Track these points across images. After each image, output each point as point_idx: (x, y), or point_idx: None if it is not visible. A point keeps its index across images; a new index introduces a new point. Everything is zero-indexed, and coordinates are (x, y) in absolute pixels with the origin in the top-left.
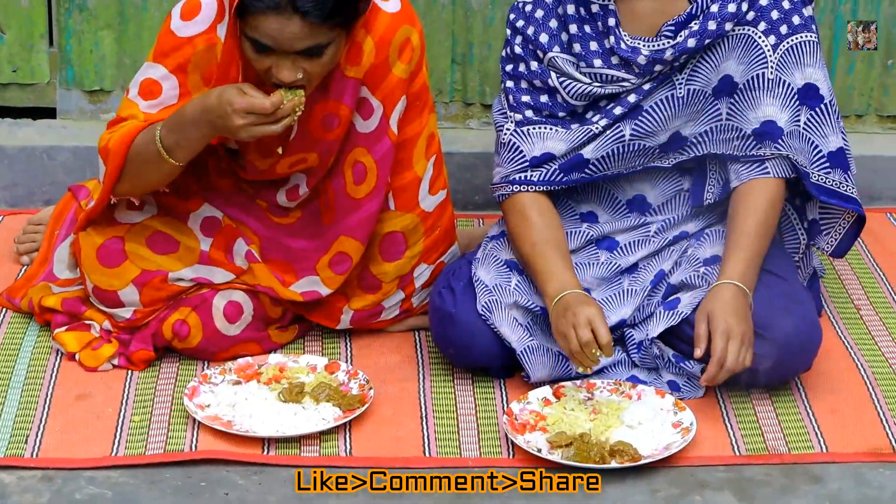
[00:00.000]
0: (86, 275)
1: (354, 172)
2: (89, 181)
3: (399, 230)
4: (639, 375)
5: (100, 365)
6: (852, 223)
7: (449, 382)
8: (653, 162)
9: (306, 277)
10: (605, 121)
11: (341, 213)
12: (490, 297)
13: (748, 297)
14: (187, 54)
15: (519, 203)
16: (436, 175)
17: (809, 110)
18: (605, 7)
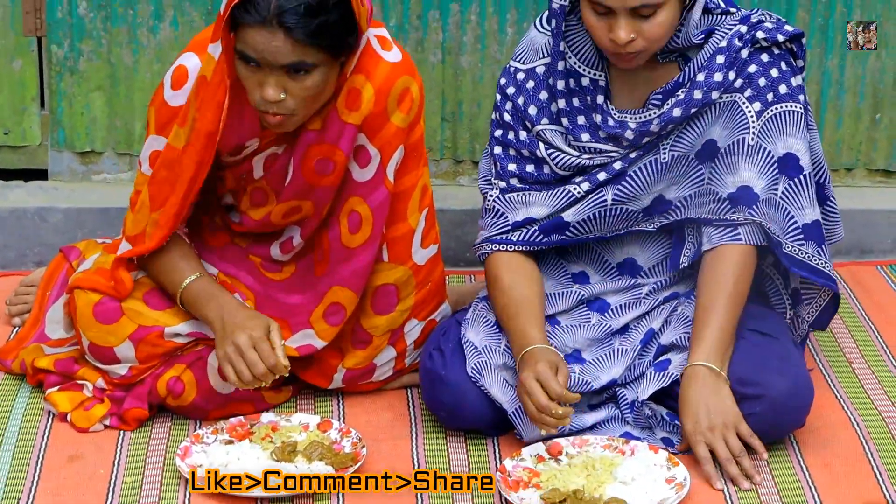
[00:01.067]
0: (81, 332)
1: (350, 222)
2: (80, 242)
3: (391, 282)
4: (632, 432)
5: (91, 425)
6: (832, 297)
7: (442, 440)
8: (637, 226)
9: (301, 331)
10: (587, 185)
11: (335, 263)
12: (479, 358)
13: (720, 374)
14: None
15: (493, 264)
16: (428, 228)
17: (788, 180)
18: (595, 81)
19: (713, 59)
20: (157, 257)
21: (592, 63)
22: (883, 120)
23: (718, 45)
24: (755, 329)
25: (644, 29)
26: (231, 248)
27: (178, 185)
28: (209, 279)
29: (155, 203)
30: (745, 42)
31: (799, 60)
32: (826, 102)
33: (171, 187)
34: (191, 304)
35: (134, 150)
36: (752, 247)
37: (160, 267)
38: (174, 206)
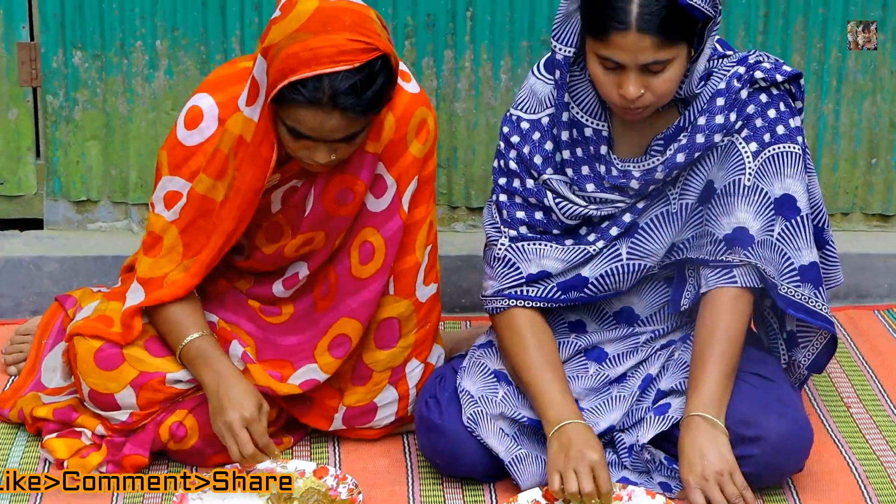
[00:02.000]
0: (81, 378)
1: (361, 253)
2: (76, 291)
3: (395, 316)
4: (629, 477)
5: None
6: (828, 340)
7: (438, 486)
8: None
9: (304, 367)
10: (601, 242)
11: (343, 295)
12: (475, 408)
13: (717, 423)
14: (200, 162)
15: (514, 320)
16: (430, 266)
17: (785, 221)
18: (598, 132)
19: (713, 101)
20: (163, 307)
21: (595, 113)
22: (879, 164)
23: (717, 87)
24: (754, 372)
25: (653, 84)
26: (230, 294)
27: (215, 237)
28: (210, 340)
29: (189, 251)
30: (744, 83)
31: (797, 102)
32: (822, 147)
33: (207, 238)
34: (189, 362)
35: (129, 198)
36: (748, 289)
37: (165, 316)
38: (209, 255)
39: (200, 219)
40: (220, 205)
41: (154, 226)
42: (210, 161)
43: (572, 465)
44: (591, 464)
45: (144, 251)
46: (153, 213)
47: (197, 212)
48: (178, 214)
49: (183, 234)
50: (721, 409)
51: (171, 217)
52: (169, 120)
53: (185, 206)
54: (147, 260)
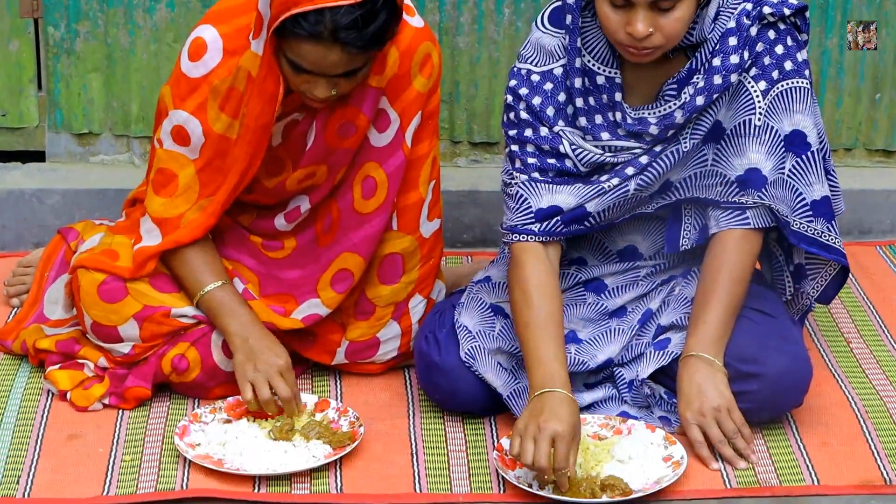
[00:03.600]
0: (84, 311)
1: (364, 187)
2: (78, 223)
3: (399, 252)
4: (629, 412)
5: (90, 405)
6: (838, 271)
7: (439, 419)
8: (637, 208)
9: (307, 301)
10: (616, 180)
11: (345, 230)
12: (473, 343)
13: (715, 363)
14: (205, 94)
15: (526, 256)
16: (434, 202)
17: (795, 157)
18: (610, 79)
19: (724, 41)
20: (180, 249)
21: (606, 61)
22: (883, 99)
23: (727, 26)
24: (755, 308)
25: (662, 24)
26: (232, 231)
27: (230, 176)
28: (232, 288)
29: (206, 190)
30: (753, 19)
31: (803, 34)
32: (825, 82)
33: (224, 177)
34: (210, 310)
35: (131, 131)
36: (759, 229)
37: (182, 259)
38: (225, 193)
39: (217, 158)
40: (234, 143)
41: (164, 162)
42: (226, 99)
43: (531, 434)
44: (553, 436)
45: (156, 189)
46: (161, 149)
47: (215, 151)
48: (198, 153)
49: (200, 173)
50: (720, 349)
51: (191, 155)
52: (171, 52)
53: (205, 145)
54: (159, 199)
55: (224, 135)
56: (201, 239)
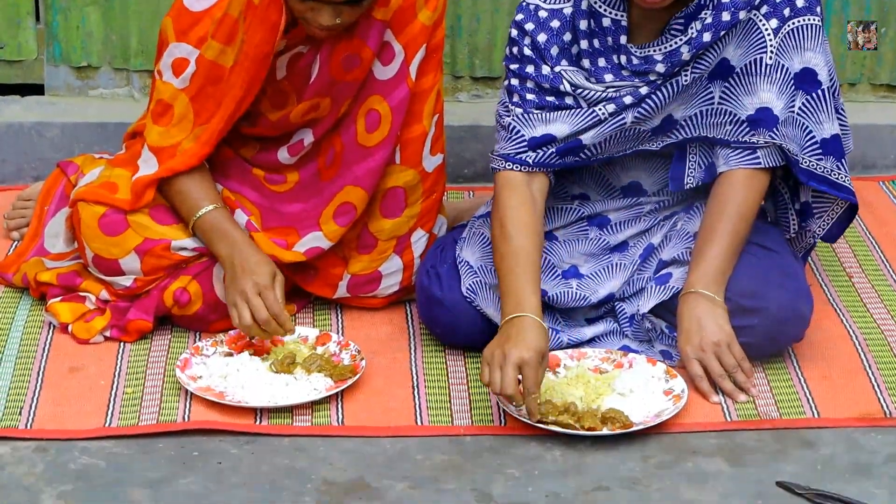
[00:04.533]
0: (85, 244)
1: (367, 121)
2: (78, 157)
3: (401, 185)
4: (630, 346)
5: (92, 337)
6: (845, 210)
7: (440, 353)
8: (642, 145)
9: (309, 234)
10: (612, 107)
11: (348, 163)
12: (475, 278)
13: (716, 300)
14: (207, 27)
15: (507, 190)
16: (437, 135)
17: (805, 95)
18: (616, 21)
19: None
20: (175, 178)
21: (613, 3)
22: (888, 33)
23: None
24: (757, 243)
25: None
26: (235, 163)
27: (225, 103)
28: (224, 212)
29: (199, 118)
30: None
31: None
32: (830, 15)
33: (217, 105)
34: (203, 233)
35: (130, 64)
36: (769, 170)
37: (177, 188)
38: (220, 122)
39: (210, 86)
40: (229, 71)
41: (163, 93)
42: (219, 26)
43: (498, 362)
44: (518, 363)
45: (154, 119)
46: (161, 80)
47: (207, 78)
48: (188, 82)
49: (193, 101)
50: (721, 286)
51: (180, 85)
52: None
53: (195, 73)
54: (157, 128)
55: (215, 61)
56: (197, 167)
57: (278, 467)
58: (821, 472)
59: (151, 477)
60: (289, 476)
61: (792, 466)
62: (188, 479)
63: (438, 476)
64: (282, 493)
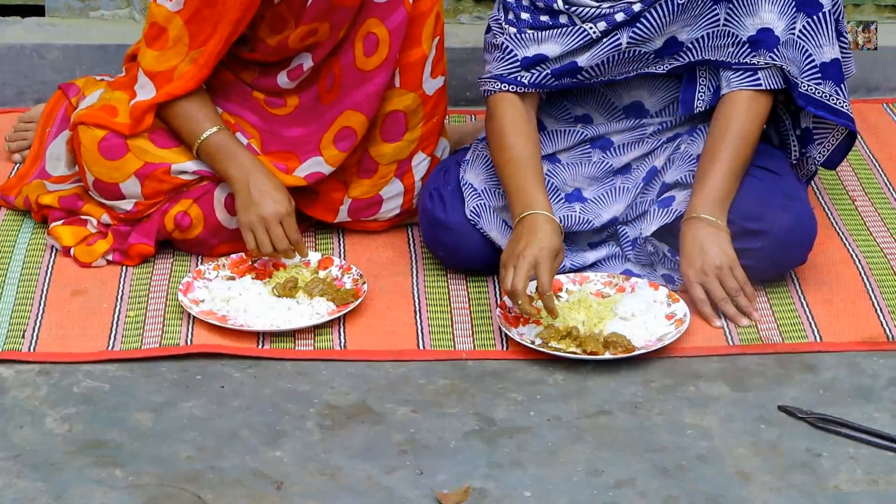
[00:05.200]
0: (86, 167)
1: (365, 44)
2: (79, 79)
3: (401, 109)
4: (633, 270)
5: (94, 261)
6: (845, 137)
7: (442, 277)
8: (647, 68)
9: (309, 159)
10: (603, 24)
11: (348, 87)
12: (478, 200)
13: (718, 224)
14: None
15: (499, 110)
16: (437, 58)
17: (807, 17)
18: None
19: None
20: (174, 102)
21: None
22: None
23: None
24: (760, 165)
25: None
26: (235, 86)
27: (221, 26)
28: (230, 133)
29: (195, 41)
30: None
31: None
32: None
33: (214, 27)
34: (210, 156)
35: None
36: (769, 91)
37: (176, 111)
38: (217, 45)
39: (206, 8)
40: None
41: (157, 16)
42: None
43: (512, 263)
44: (532, 262)
45: (148, 43)
46: (155, 3)
47: (202, 0)
48: (182, 4)
49: (188, 23)
50: (724, 209)
51: (174, 7)
52: None
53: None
54: (151, 52)
55: None
56: (196, 90)
57: (281, 391)
58: (823, 396)
59: (154, 400)
60: (291, 399)
61: (794, 390)
62: (191, 402)
63: (441, 400)
64: (284, 416)
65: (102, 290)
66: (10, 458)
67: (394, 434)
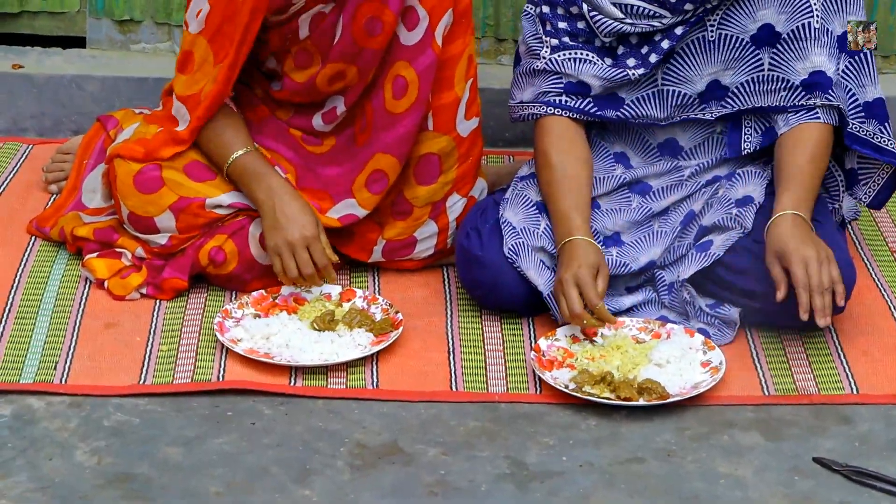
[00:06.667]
0: (121, 201)
1: (394, 87)
2: (118, 112)
3: (435, 152)
4: (669, 316)
5: (128, 294)
6: (890, 176)
7: (477, 318)
8: (694, 114)
9: (343, 201)
10: (642, 70)
11: (378, 129)
12: (517, 239)
13: (808, 222)
14: None
15: (545, 131)
16: (471, 100)
17: (849, 57)
18: None
19: None
20: (206, 126)
21: None
22: None
23: None
24: None
25: None
26: (271, 122)
27: (234, 35)
28: (259, 155)
29: (218, 57)
30: None
31: None
32: None
33: (232, 41)
34: (238, 178)
35: (172, 19)
36: (830, 126)
37: (209, 135)
38: (230, 56)
39: (226, 24)
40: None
41: (184, 41)
42: None
43: (559, 290)
44: (574, 282)
45: (178, 69)
46: (186, 31)
47: (222, 17)
48: (204, 24)
49: (211, 42)
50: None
51: (197, 28)
52: None
53: (210, 12)
54: (182, 77)
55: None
56: (228, 115)
57: (312, 429)
58: (858, 449)
59: (185, 435)
60: (322, 438)
61: (829, 442)
62: (221, 438)
63: (472, 442)
64: (314, 455)
65: (135, 323)
66: (39, 489)
67: (424, 476)
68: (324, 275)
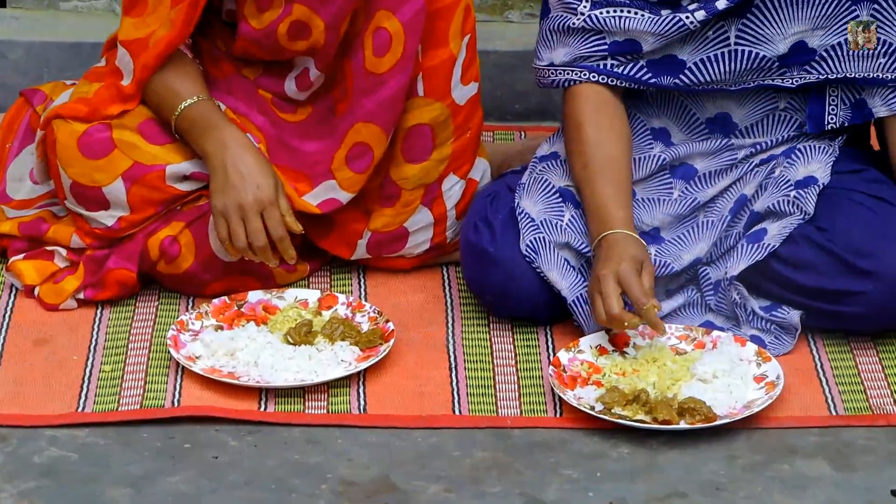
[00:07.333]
0: (62, 169)
1: (375, 42)
2: (46, 84)
3: (427, 122)
4: (714, 321)
5: (62, 301)
6: None
7: (484, 328)
8: (771, 79)
9: (322, 183)
10: (702, 14)
11: (359, 94)
12: (537, 234)
13: None
14: None
15: (579, 101)
16: (469, 60)
17: None
18: None
19: None
20: (153, 77)
21: None
22: None
23: None
24: (876, 195)
25: None
26: (238, 80)
27: None
28: (213, 106)
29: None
30: None
31: None
32: None
33: None
34: (187, 132)
35: None
36: None
37: (155, 86)
38: None
39: None
40: None
41: None
42: None
43: (596, 290)
44: (615, 279)
45: (125, 11)
46: None
47: None
48: None
49: None
50: None
51: None
52: None
53: None
54: (129, 20)
55: None
56: (181, 62)
57: (287, 463)
58: None
59: (133, 473)
60: (299, 474)
61: None
62: (177, 476)
63: (480, 477)
64: (291, 494)
65: (72, 338)
66: None
67: None
68: (280, 250)
